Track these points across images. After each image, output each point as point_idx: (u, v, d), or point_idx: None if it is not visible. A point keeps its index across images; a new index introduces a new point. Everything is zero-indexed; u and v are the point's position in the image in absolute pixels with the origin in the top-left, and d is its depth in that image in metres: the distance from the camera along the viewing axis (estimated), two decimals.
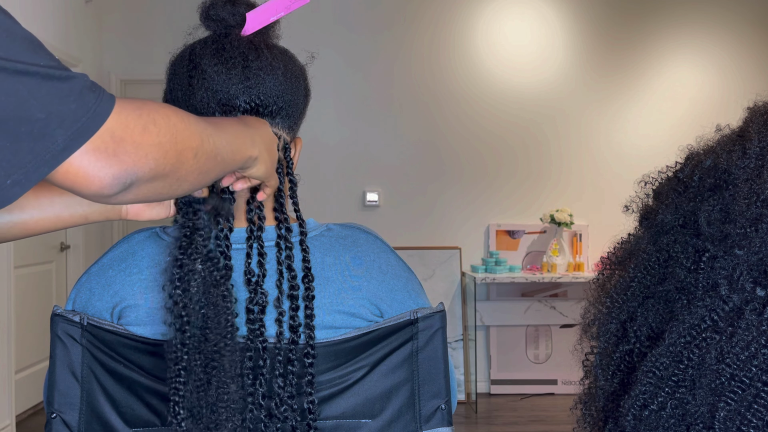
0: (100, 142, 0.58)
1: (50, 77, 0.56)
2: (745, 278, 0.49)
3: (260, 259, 0.87)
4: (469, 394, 4.33)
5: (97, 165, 0.58)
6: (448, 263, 4.45)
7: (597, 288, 0.65)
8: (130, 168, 0.60)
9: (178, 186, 0.67)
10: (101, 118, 0.58)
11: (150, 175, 0.62)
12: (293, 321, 0.86)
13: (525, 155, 4.60)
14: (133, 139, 0.60)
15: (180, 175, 0.66)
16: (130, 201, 0.64)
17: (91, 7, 4.48)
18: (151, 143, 0.61)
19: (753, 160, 0.52)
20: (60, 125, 0.56)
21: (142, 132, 0.61)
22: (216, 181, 0.81)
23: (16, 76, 0.54)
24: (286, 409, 0.84)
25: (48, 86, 0.56)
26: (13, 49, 0.55)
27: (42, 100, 0.55)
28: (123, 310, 0.89)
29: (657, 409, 0.52)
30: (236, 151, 0.75)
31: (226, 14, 0.89)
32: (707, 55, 4.65)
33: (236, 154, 0.75)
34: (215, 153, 0.70)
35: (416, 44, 4.58)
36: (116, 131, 0.59)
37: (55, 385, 0.91)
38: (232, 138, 0.74)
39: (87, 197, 0.61)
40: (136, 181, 0.61)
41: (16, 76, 0.54)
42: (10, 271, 3.53)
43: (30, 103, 0.54)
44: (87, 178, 0.58)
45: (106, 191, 0.60)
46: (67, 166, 0.57)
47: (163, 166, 0.63)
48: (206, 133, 0.68)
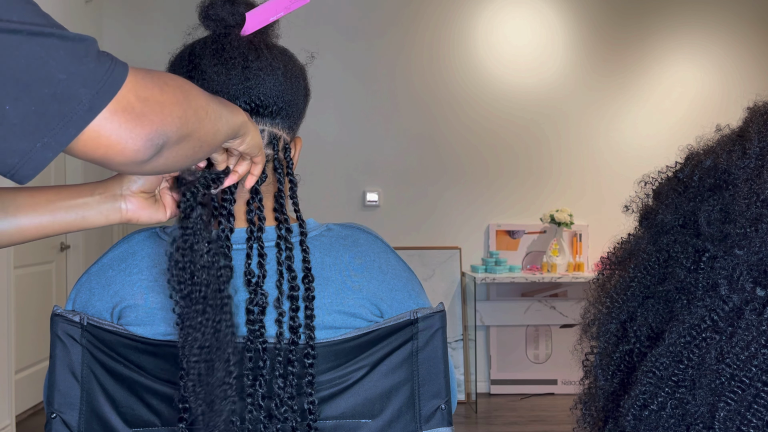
0: (126, 102, 0.57)
1: (64, 38, 0.55)
2: (745, 278, 0.49)
3: (260, 260, 0.87)
4: (469, 394, 4.33)
5: (128, 127, 0.57)
6: (448, 263, 4.45)
7: (597, 288, 0.65)
8: (159, 128, 0.59)
9: (199, 147, 0.67)
10: (122, 77, 0.57)
11: (178, 135, 0.62)
12: (293, 322, 0.85)
13: (525, 155, 4.60)
14: (155, 98, 0.59)
15: (200, 134, 0.66)
16: (161, 168, 0.63)
17: (91, 7, 4.48)
18: (173, 102, 0.61)
19: (753, 160, 0.52)
20: (83, 85, 0.55)
21: (160, 92, 0.60)
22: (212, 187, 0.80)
23: (32, 37, 0.53)
24: (287, 409, 0.84)
25: (65, 47, 0.55)
26: (23, 12, 0.54)
27: (61, 61, 0.54)
28: (123, 310, 0.89)
29: (657, 409, 0.52)
30: (232, 113, 0.75)
31: (226, 14, 0.89)
32: (707, 55, 4.65)
33: (233, 116, 0.75)
34: (219, 112, 0.70)
35: (416, 44, 4.57)
36: (139, 91, 0.58)
37: (55, 385, 0.91)
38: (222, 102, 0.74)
39: (121, 166, 0.60)
40: (167, 141, 0.60)
41: (32, 38, 0.53)
42: (10, 271, 3.53)
43: (50, 65, 0.54)
44: (119, 144, 0.57)
45: (140, 156, 0.59)
46: (97, 132, 0.56)
47: (186, 125, 0.63)
48: (207, 95, 0.69)
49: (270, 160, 0.91)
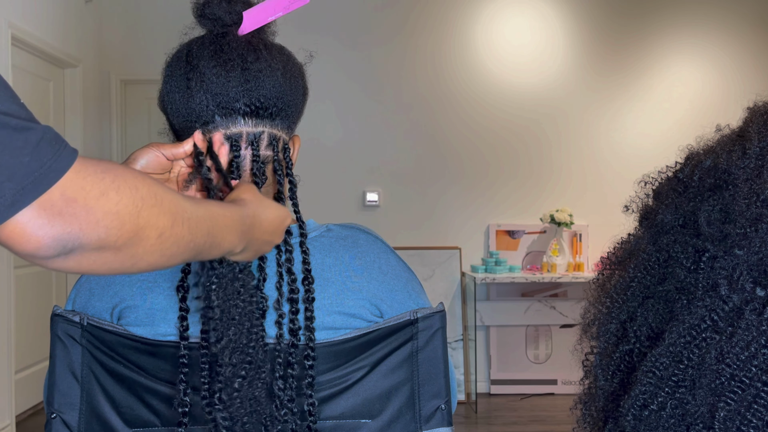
0: (46, 198, 0.53)
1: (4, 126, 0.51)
2: (745, 278, 0.49)
3: (260, 263, 0.87)
4: (469, 394, 4.33)
5: (38, 222, 0.53)
6: (448, 263, 4.45)
7: (597, 288, 0.65)
8: (74, 232, 0.54)
9: (131, 263, 0.60)
10: (56, 174, 0.53)
11: (97, 244, 0.56)
12: (293, 324, 0.85)
13: (525, 155, 4.60)
14: (85, 201, 0.54)
15: (136, 252, 0.59)
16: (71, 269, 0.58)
17: (91, 7, 4.48)
18: (107, 210, 0.55)
19: (753, 160, 0.52)
20: (10, 178, 0.51)
21: (98, 196, 0.55)
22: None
23: None
24: (286, 411, 0.83)
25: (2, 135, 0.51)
26: None
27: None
28: (123, 310, 0.89)
29: (657, 409, 0.52)
30: (216, 244, 0.68)
31: (222, 12, 0.87)
32: (707, 55, 4.65)
33: (214, 248, 0.68)
34: (189, 239, 0.63)
35: (417, 44, 4.57)
36: (68, 190, 0.54)
37: (55, 385, 0.91)
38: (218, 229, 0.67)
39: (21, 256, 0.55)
40: (79, 246, 0.55)
41: None
42: (10, 271, 3.53)
43: None
44: (23, 236, 0.53)
45: (41, 252, 0.54)
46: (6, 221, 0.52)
47: (115, 238, 0.56)
48: (184, 216, 0.62)
49: (270, 161, 0.91)
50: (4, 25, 3.44)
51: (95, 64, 4.55)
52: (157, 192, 0.60)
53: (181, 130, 0.89)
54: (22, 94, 3.81)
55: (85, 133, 4.40)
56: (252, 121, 0.88)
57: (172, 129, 0.93)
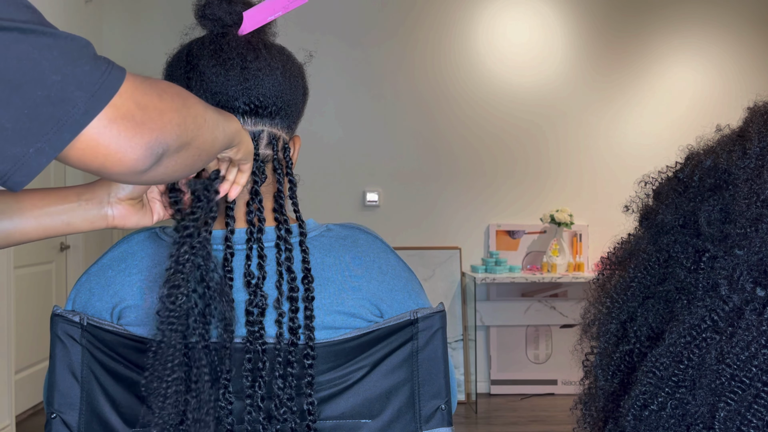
0: (125, 110, 0.54)
1: (58, 37, 0.52)
2: (745, 278, 0.49)
3: (260, 262, 0.87)
4: (469, 394, 4.33)
5: (127, 135, 0.54)
6: (448, 263, 4.45)
7: (597, 288, 0.65)
8: (159, 136, 0.57)
9: (197, 156, 0.64)
10: (118, 81, 0.54)
11: (177, 143, 0.59)
12: (293, 323, 0.85)
13: (525, 155, 4.60)
14: (154, 105, 0.57)
15: (199, 143, 0.64)
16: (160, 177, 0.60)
17: (91, 7, 4.48)
18: (171, 109, 0.59)
19: (753, 160, 0.52)
20: (78, 87, 0.52)
21: (159, 99, 0.58)
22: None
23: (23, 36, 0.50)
24: (286, 411, 0.83)
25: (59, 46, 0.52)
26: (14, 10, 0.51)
27: (55, 62, 0.51)
28: (123, 310, 0.89)
29: (657, 409, 0.52)
30: (227, 121, 0.73)
31: (223, 13, 0.88)
32: (707, 55, 4.65)
33: (228, 124, 0.73)
34: (216, 120, 0.68)
35: (417, 44, 4.57)
36: (137, 98, 0.55)
37: (55, 385, 0.91)
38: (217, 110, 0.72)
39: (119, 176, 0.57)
40: (166, 150, 0.58)
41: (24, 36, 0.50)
42: (10, 271, 3.53)
43: (42, 65, 0.50)
44: (118, 153, 0.54)
45: (140, 165, 0.56)
46: (96, 142, 0.53)
47: (185, 133, 0.60)
48: (199, 100, 0.67)
49: (269, 160, 0.91)
50: None
51: None
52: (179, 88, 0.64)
53: None
54: None
55: None
56: (251, 120, 0.88)
57: None
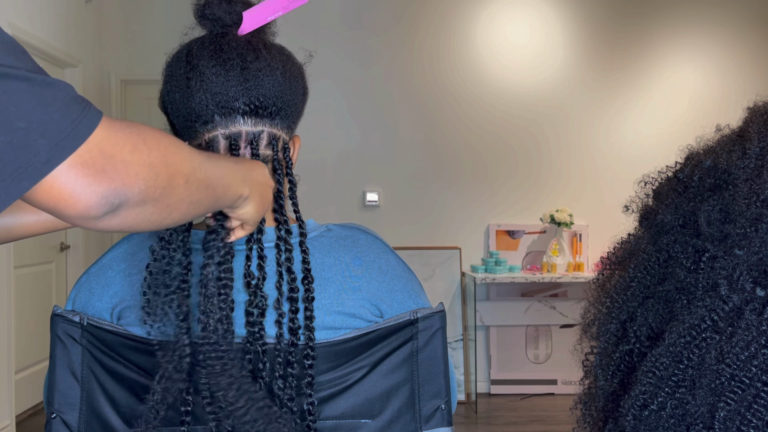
0: (88, 156, 0.53)
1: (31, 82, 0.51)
2: (745, 278, 0.49)
3: (260, 262, 0.87)
4: (469, 394, 4.33)
5: (84, 182, 0.53)
6: (448, 263, 4.45)
7: (597, 288, 0.65)
8: (119, 187, 0.55)
9: (167, 214, 0.62)
10: (87, 129, 0.53)
11: (139, 198, 0.57)
12: (293, 323, 0.85)
13: (525, 155, 4.60)
14: (123, 156, 0.55)
15: (170, 201, 0.61)
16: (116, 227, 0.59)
17: (91, 7, 4.48)
18: (142, 163, 0.57)
19: (753, 160, 0.52)
20: (43, 135, 0.51)
21: (132, 150, 0.56)
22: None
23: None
24: (286, 411, 0.83)
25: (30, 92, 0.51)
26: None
27: (23, 108, 0.50)
28: (123, 310, 0.89)
29: (657, 409, 0.52)
30: (228, 186, 0.71)
31: (222, 13, 0.88)
32: (707, 55, 4.65)
33: (228, 189, 0.71)
34: (207, 183, 0.66)
35: (416, 44, 4.57)
36: (105, 147, 0.54)
37: (55, 385, 0.91)
38: (224, 172, 0.70)
39: (70, 220, 0.56)
40: (124, 202, 0.56)
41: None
42: (10, 271, 3.53)
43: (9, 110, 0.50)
44: (72, 197, 0.53)
45: (92, 212, 0.55)
46: (51, 184, 0.52)
47: (153, 189, 0.58)
48: (198, 161, 0.65)
49: (269, 160, 0.91)
50: (4, 25, 3.44)
51: (95, 64, 4.55)
52: (174, 141, 0.62)
53: (181, 130, 0.90)
54: None
55: None
56: (251, 121, 0.88)
57: (172, 129, 0.93)
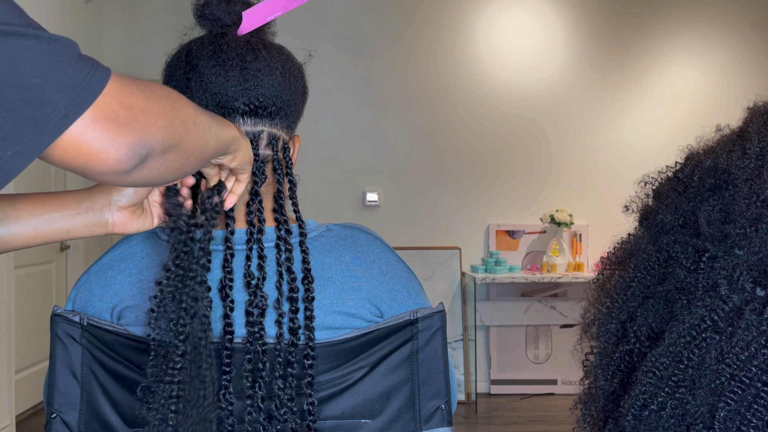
0: (108, 109, 0.54)
1: (40, 39, 0.51)
2: (745, 278, 0.49)
3: (260, 262, 0.87)
4: (469, 394, 4.33)
5: (110, 135, 0.54)
6: (448, 263, 4.45)
7: (597, 288, 0.65)
8: (144, 136, 0.56)
9: (186, 159, 0.64)
10: (101, 82, 0.54)
11: (163, 145, 0.59)
12: (293, 323, 0.85)
13: (525, 155, 4.60)
14: (140, 106, 0.56)
15: (188, 146, 0.63)
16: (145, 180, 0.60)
17: (91, 7, 4.48)
18: (158, 111, 0.58)
19: (753, 160, 0.52)
20: (59, 90, 0.51)
21: (146, 100, 0.57)
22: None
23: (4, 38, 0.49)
24: (286, 411, 0.83)
25: (40, 49, 0.51)
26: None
27: (35, 64, 0.50)
28: (123, 310, 0.89)
29: (657, 409, 0.52)
30: (222, 127, 0.72)
31: (222, 13, 0.87)
32: (707, 55, 4.65)
33: (223, 130, 0.72)
34: (209, 125, 0.67)
35: (417, 44, 4.57)
36: (123, 98, 0.55)
37: (55, 385, 0.91)
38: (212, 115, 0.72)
39: (102, 176, 0.56)
40: (151, 151, 0.57)
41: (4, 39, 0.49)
42: (10, 271, 3.53)
43: (23, 68, 0.50)
44: (101, 152, 0.54)
45: (123, 165, 0.55)
46: (78, 141, 0.53)
47: (172, 135, 0.60)
48: (195, 106, 0.66)
49: (269, 160, 0.91)
50: None
51: None
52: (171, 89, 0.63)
53: None
54: None
55: None
56: (251, 121, 0.88)
57: None
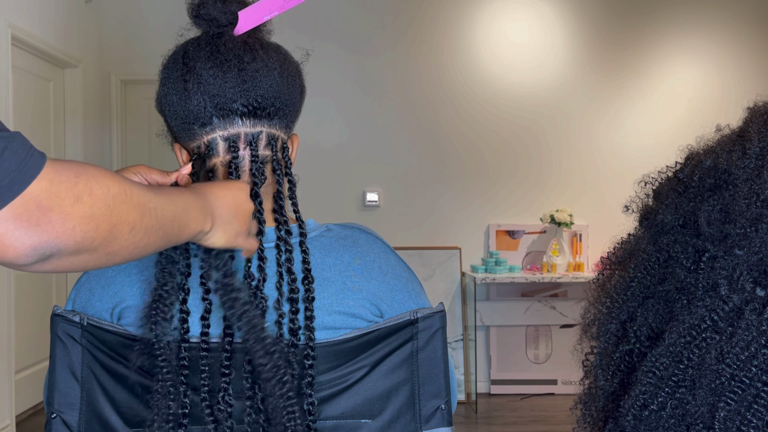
0: (23, 209, 0.53)
1: None
2: (745, 278, 0.49)
3: (260, 263, 0.87)
4: (469, 394, 4.33)
5: (16, 233, 0.53)
6: (448, 263, 4.45)
7: (597, 288, 0.65)
8: (52, 240, 0.55)
9: (108, 259, 0.62)
10: (22, 184, 0.53)
11: (74, 248, 0.57)
12: (293, 323, 0.85)
13: (525, 155, 4.60)
14: (62, 209, 0.55)
15: (111, 249, 0.61)
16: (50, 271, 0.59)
17: (91, 7, 4.48)
18: (82, 215, 0.56)
19: (753, 160, 0.52)
20: None
21: (73, 203, 0.56)
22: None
23: None
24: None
25: None
26: None
27: None
28: (123, 310, 0.89)
29: (657, 409, 0.52)
30: (184, 224, 0.70)
31: (218, 13, 0.87)
32: (707, 55, 4.65)
33: (184, 228, 0.70)
34: (158, 227, 0.65)
35: (417, 44, 4.57)
36: (43, 200, 0.54)
37: (55, 385, 0.91)
38: (180, 211, 0.69)
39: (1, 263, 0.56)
40: (56, 253, 0.56)
41: None
42: (10, 271, 3.53)
43: None
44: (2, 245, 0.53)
45: (20, 260, 0.55)
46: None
47: (91, 240, 0.58)
48: (149, 207, 0.64)
49: (268, 161, 0.91)
50: (4, 25, 3.44)
51: (95, 64, 4.55)
52: (126, 188, 0.61)
53: (179, 132, 0.89)
54: (22, 94, 3.81)
55: (86, 133, 4.40)
56: (250, 122, 0.88)
57: (170, 131, 0.93)
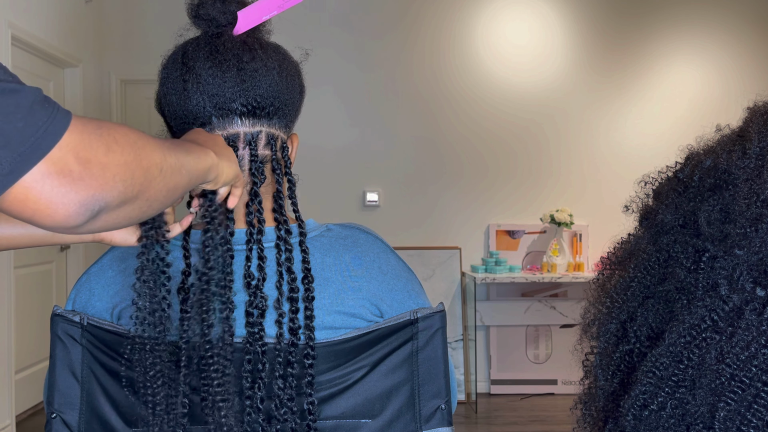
0: (62, 164, 0.51)
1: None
2: (745, 278, 0.49)
3: (260, 263, 0.87)
4: (469, 394, 4.33)
5: (61, 191, 0.51)
6: (448, 263, 4.45)
7: (597, 288, 0.65)
8: (98, 193, 0.53)
9: (148, 207, 0.61)
10: (54, 137, 0.51)
11: (119, 199, 0.56)
12: (293, 323, 0.85)
13: (525, 155, 4.60)
14: (98, 159, 0.53)
15: (149, 195, 0.60)
16: (98, 230, 0.58)
17: (91, 7, 4.47)
18: (118, 163, 0.55)
19: (753, 160, 0.52)
20: (5, 146, 0.49)
21: (106, 152, 0.54)
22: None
23: None
24: (286, 411, 0.83)
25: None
26: None
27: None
28: (123, 310, 0.89)
29: (657, 409, 0.52)
30: (197, 159, 0.70)
31: (217, 13, 0.87)
32: (707, 55, 4.65)
33: (198, 163, 0.70)
34: (179, 166, 0.65)
35: (417, 44, 4.58)
36: (80, 150, 0.52)
37: (55, 385, 0.91)
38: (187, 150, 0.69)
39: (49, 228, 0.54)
40: (105, 207, 0.54)
41: None
42: (10, 271, 3.53)
43: None
44: (49, 207, 0.51)
45: (71, 221, 0.53)
46: (25, 196, 0.51)
47: (132, 187, 0.57)
48: (165, 148, 0.63)
49: (268, 160, 0.91)
50: (4, 25, 3.44)
51: (95, 64, 4.55)
52: (140, 133, 0.60)
53: (179, 131, 0.90)
54: None
55: None
56: (249, 121, 0.88)
57: (169, 131, 0.93)
